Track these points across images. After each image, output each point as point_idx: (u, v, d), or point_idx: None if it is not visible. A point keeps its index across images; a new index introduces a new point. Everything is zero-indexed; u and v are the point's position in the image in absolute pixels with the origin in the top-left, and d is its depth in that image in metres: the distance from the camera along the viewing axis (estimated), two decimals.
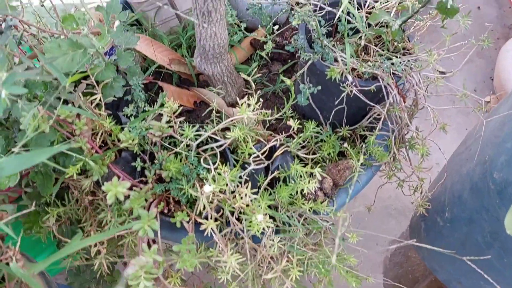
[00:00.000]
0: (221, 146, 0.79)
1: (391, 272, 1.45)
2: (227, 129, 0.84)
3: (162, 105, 0.82)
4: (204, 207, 0.70)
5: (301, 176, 0.75)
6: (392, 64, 0.79)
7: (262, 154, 0.79)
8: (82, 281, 0.91)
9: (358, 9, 0.87)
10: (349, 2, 0.78)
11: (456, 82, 1.77)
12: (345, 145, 0.81)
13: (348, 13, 0.84)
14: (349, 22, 0.84)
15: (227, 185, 0.70)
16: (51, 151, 0.45)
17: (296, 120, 0.78)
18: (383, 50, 0.85)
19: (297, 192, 0.75)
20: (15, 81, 0.61)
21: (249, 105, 0.76)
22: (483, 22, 1.94)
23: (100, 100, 0.78)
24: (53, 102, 0.77)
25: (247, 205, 0.71)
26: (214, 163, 0.76)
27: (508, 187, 0.66)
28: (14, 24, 0.89)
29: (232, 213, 0.74)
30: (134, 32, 0.85)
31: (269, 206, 0.76)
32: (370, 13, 0.87)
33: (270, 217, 0.74)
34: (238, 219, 0.74)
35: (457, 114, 1.75)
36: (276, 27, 0.88)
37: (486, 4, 2.01)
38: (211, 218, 0.71)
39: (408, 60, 0.80)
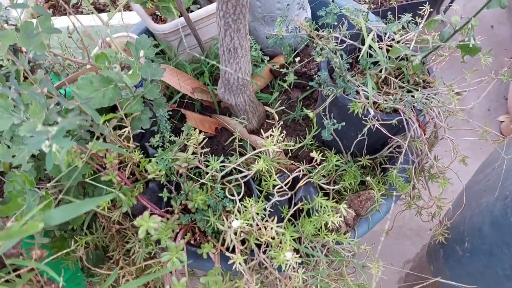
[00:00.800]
0: (245, 176, 0.81)
1: None
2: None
3: (186, 136, 0.84)
4: (231, 241, 0.71)
5: (325, 209, 0.76)
6: (413, 97, 0.80)
7: (286, 184, 0.81)
8: None
9: (378, 41, 0.89)
10: (370, 34, 0.80)
11: (470, 100, 1.77)
12: (368, 178, 0.82)
13: (369, 47, 0.86)
14: (370, 55, 0.85)
15: (253, 219, 0.72)
16: (94, 202, 0.47)
17: (319, 151, 0.80)
18: (403, 82, 0.86)
19: (321, 224, 0.77)
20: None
21: (271, 135, 0.78)
22: (496, 41, 1.95)
23: (128, 132, 0.80)
24: (84, 135, 0.79)
25: (273, 238, 0.73)
26: (238, 193, 0.78)
27: None
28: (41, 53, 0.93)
29: (257, 245, 0.76)
30: (159, 63, 0.88)
31: (293, 239, 0.78)
32: (390, 45, 0.89)
33: (294, 249, 0.75)
34: (262, 249, 0.76)
35: (472, 133, 1.75)
36: (298, 59, 0.90)
37: (499, 23, 2.03)
38: (237, 251, 0.73)
39: (429, 94, 0.82)
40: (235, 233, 0.71)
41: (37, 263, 0.51)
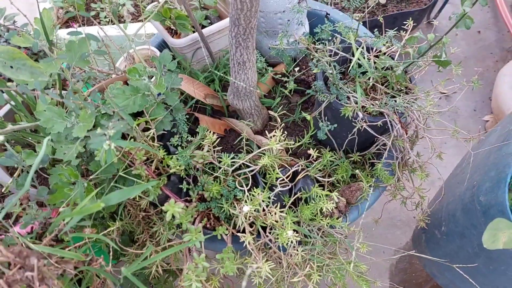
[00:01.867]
0: (252, 171, 0.95)
1: (397, 278, 1.60)
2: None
3: (201, 137, 0.98)
4: (242, 223, 0.86)
5: (320, 197, 0.90)
6: (395, 101, 0.94)
7: (287, 177, 0.95)
8: (132, 284, 1.07)
9: (367, 53, 1.03)
10: (359, 48, 0.94)
11: (457, 101, 1.91)
12: (357, 171, 0.96)
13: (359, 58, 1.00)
14: (359, 65, 0.99)
15: (260, 205, 0.86)
16: (143, 187, 0.61)
17: (315, 149, 0.94)
18: (388, 89, 1.00)
19: (317, 210, 0.91)
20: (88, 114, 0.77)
21: (274, 135, 0.92)
22: (483, 46, 2.09)
23: (153, 133, 0.94)
24: (115, 136, 0.93)
25: (276, 221, 0.87)
26: (246, 185, 0.92)
27: (490, 209, 0.81)
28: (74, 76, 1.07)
29: (263, 228, 0.90)
30: (177, 73, 1.02)
31: (293, 222, 0.92)
32: (377, 56, 1.03)
33: (294, 230, 0.89)
34: (266, 231, 0.90)
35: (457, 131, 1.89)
36: (297, 68, 1.04)
37: (485, 28, 2.16)
38: (247, 232, 0.87)
39: (410, 99, 0.96)
40: (245, 217, 0.85)
41: (96, 234, 0.65)
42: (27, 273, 0.44)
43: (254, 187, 0.91)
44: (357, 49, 0.94)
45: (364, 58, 0.96)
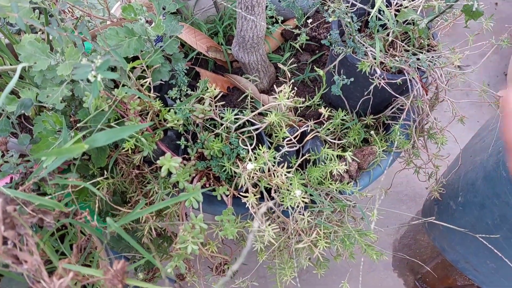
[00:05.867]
0: (257, 129, 0.87)
1: (400, 253, 1.54)
2: (261, 114, 0.92)
3: (202, 90, 0.89)
4: (245, 183, 0.78)
5: (330, 159, 0.82)
6: (418, 59, 0.85)
7: (294, 138, 0.87)
8: (123, 246, 1.00)
9: (387, 6, 0.94)
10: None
11: (470, 76, 1.82)
12: (372, 132, 0.88)
13: (378, 11, 0.91)
14: (379, 19, 0.90)
15: (266, 164, 0.78)
16: (134, 128, 0.52)
17: (327, 108, 0.86)
18: (409, 46, 0.91)
19: (326, 173, 0.83)
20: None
21: (281, 92, 0.83)
22: (500, 18, 1.99)
23: (149, 83, 0.86)
24: (108, 83, 0.85)
25: (283, 182, 0.79)
26: (251, 144, 0.84)
27: None
28: (62, 8, 0.97)
29: (268, 189, 0.82)
30: (178, 21, 0.92)
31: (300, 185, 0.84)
32: (398, 10, 0.94)
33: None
34: (270, 195, 0.82)
35: (470, 106, 1.81)
36: (310, 20, 0.95)
37: (503, 1, 2.06)
38: (250, 192, 0.79)
39: (432, 56, 0.87)
40: (249, 175, 0.77)
41: (82, 182, 0.57)
42: None
43: (258, 147, 0.83)
44: None
45: (385, 8, 0.86)
